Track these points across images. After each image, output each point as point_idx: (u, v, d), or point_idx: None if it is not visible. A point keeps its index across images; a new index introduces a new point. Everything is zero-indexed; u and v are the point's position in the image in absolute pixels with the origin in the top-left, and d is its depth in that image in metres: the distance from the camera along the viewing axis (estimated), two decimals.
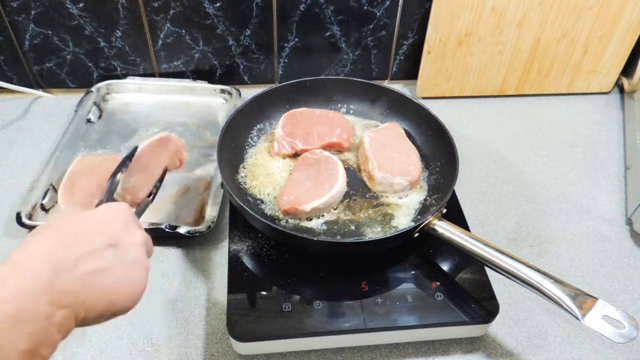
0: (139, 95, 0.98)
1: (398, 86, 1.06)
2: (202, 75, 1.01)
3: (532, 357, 0.65)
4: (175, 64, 0.99)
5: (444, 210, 0.68)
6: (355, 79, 0.86)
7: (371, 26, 0.97)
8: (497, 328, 0.67)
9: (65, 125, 0.90)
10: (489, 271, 0.67)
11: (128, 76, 0.99)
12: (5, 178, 0.84)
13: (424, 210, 0.73)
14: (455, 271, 0.68)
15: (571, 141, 0.96)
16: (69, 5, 0.89)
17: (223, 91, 0.98)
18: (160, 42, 0.96)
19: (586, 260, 0.76)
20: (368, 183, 0.76)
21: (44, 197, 0.77)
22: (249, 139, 0.82)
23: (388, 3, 0.94)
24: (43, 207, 0.76)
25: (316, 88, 0.86)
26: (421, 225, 0.65)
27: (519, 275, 0.59)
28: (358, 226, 0.71)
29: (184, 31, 0.94)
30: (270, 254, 0.69)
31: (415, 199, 0.75)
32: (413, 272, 0.67)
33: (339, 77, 0.96)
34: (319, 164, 0.75)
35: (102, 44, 0.95)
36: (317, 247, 0.65)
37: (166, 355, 0.63)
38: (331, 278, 0.66)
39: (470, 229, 0.74)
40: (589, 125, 1.00)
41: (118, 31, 0.93)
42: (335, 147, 0.81)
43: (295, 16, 0.94)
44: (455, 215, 0.74)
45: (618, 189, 0.87)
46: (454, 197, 0.77)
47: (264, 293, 0.64)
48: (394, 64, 1.04)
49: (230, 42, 0.97)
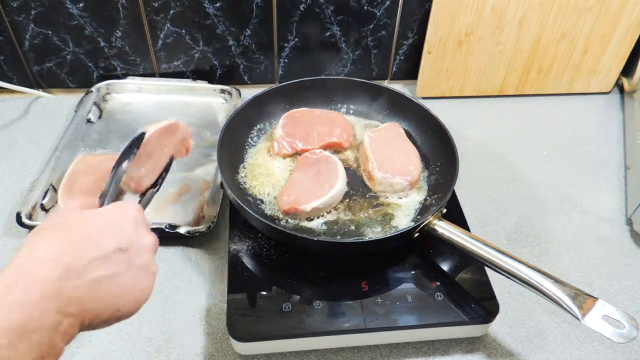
0: (139, 95, 0.98)
1: (398, 86, 1.06)
2: (202, 75, 1.01)
3: (532, 357, 0.65)
4: (175, 64, 0.99)
5: (444, 210, 0.68)
6: (355, 79, 0.86)
7: (371, 26, 0.97)
8: (497, 328, 0.67)
9: (65, 125, 0.90)
10: (489, 271, 0.67)
11: (128, 76, 0.99)
12: (5, 178, 0.84)
13: (424, 210, 0.73)
14: (455, 271, 0.68)
15: (571, 141, 0.96)
16: (69, 5, 0.89)
17: (223, 91, 0.98)
18: (160, 42, 0.96)
19: (586, 260, 0.76)
20: (368, 183, 0.76)
21: (44, 197, 0.77)
22: (249, 139, 0.82)
23: (388, 3, 0.94)
24: (43, 207, 0.76)
25: (316, 88, 0.86)
26: (421, 225, 0.65)
27: (519, 275, 0.59)
28: (358, 226, 0.71)
29: (184, 31, 0.94)
30: (270, 254, 0.69)
31: (415, 199, 0.75)
32: (413, 272, 0.67)
33: (339, 77, 0.96)
34: (319, 164, 0.75)
35: (102, 44, 0.95)
36: (317, 247, 0.65)
37: (166, 355, 0.63)
38: (331, 278, 0.66)
39: (470, 229, 0.74)
40: (589, 125, 1.00)
41: (118, 31, 0.93)
42: (335, 147, 0.81)
43: (295, 16, 0.94)
44: (455, 215, 0.74)
45: (618, 189, 0.87)
46: (454, 197, 0.77)
47: (264, 293, 0.64)
48: (394, 64, 1.04)
49: (230, 42, 0.97)
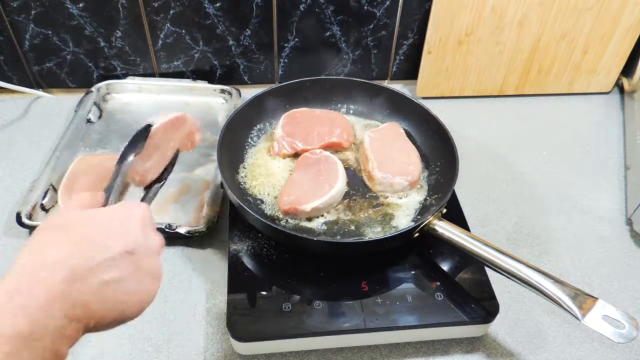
0: (139, 95, 0.98)
1: (398, 86, 1.06)
2: (202, 75, 1.01)
3: (532, 357, 0.65)
4: (175, 64, 0.99)
5: (444, 210, 0.68)
6: (355, 79, 0.86)
7: (371, 26, 0.97)
8: (497, 328, 0.67)
9: (65, 125, 0.90)
10: (489, 271, 0.67)
11: (128, 76, 0.99)
12: (5, 178, 0.84)
13: (424, 210, 0.73)
14: (455, 271, 0.68)
15: (571, 141, 0.96)
16: (69, 5, 0.89)
17: (223, 91, 0.98)
18: (160, 42, 0.95)
19: (586, 260, 0.76)
20: (368, 183, 0.76)
21: (44, 197, 0.77)
22: (249, 139, 0.82)
23: (388, 3, 0.94)
24: (43, 207, 0.76)
25: (316, 88, 0.86)
26: (421, 225, 0.65)
27: (519, 275, 0.59)
28: (358, 226, 0.71)
29: (184, 31, 0.94)
30: (270, 254, 0.69)
31: (415, 199, 0.75)
32: (413, 272, 0.67)
33: (339, 77, 0.96)
34: (319, 164, 0.75)
35: (102, 44, 0.95)
36: (317, 247, 0.65)
37: (166, 355, 0.63)
38: (331, 278, 0.66)
39: (470, 229, 0.74)
40: (589, 125, 1.00)
41: (118, 31, 0.93)
42: (335, 147, 0.81)
43: (295, 16, 0.94)
44: (455, 215, 0.74)
45: (618, 189, 0.87)
46: (454, 197, 0.77)
47: (264, 293, 0.64)
48: (394, 64, 1.04)
49: (230, 42, 0.97)
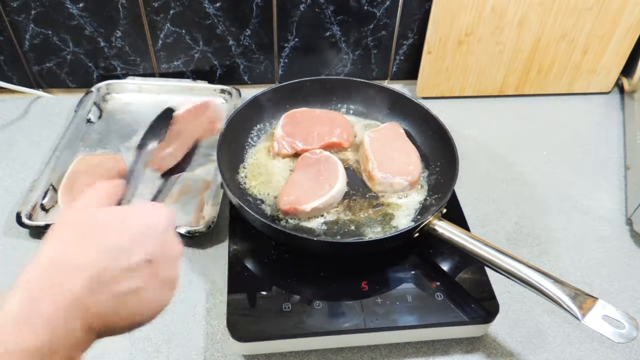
0: (139, 95, 0.98)
1: (398, 86, 1.06)
2: (202, 75, 1.01)
3: (532, 357, 0.65)
4: (175, 64, 0.99)
5: (444, 210, 0.68)
6: (355, 79, 0.86)
7: (371, 26, 0.97)
8: (497, 328, 0.67)
9: (65, 125, 0.90)
10: (489, 271, 0.67)
11: (128, 76, 0.99)
12: (5, 178, 0.84)
13: (424, 210, 0.73)
14: (455, 271, 0.68)
15: (571, 141, 0.96)
16: (69, 5, 0.89)
17: (223, 91, 0.98)
18: (160, 42, 0.95)
19: (586, 260, 0.76)
20: (368, 183, 0.76)
21: (44, 197, 0.77)
22: (249, 139, 0.82)
23: (388, 3, 0.94)
24: (43, 207, 0.76)
25: (316, 88, 0.86)
26: (421, 225, 0.65)
27: (519, 275, 0.59)
28: (358, 226, 0.71)
29: (184, 31, 0.94)
30: (270, 254, 0.69)
31: (415, 199, 0.75)
32: (413, 272, 0.67)
33: (339, 77, 0.96)
34: (319, 164, 0.75)
35: (102, 44, 0.95)
36: (317, 247, 0.65)
37: (166, 355, 0.63)
38: (331, 278, 0.66)
39: (470, 229, 0.74)
40: (589, 125, 1.00)
41: (118, 31, 0.93)
42: (335, 147, 0.81)
43: (295, 16, 0.94)
44: (455, 215, 0.74)
45: (618, 189, 0.87)
46: (454, 197, 0.77)
47: (264, 293, 0.64)
48: (394, 64, 1.04)
49: (230, 42, 0.97)
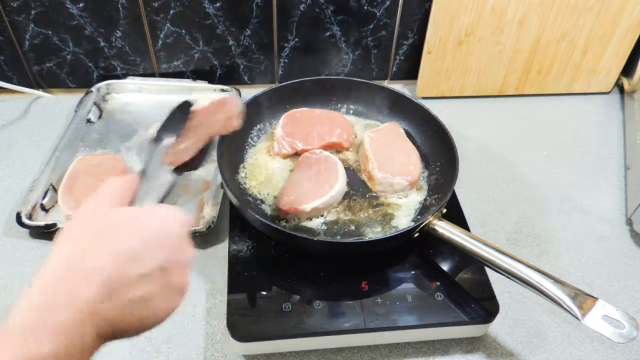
0: (139, 95, 0.98)
1: (398, 86, 1.06)
2: (202, 75, 1.00)
3: (532, 357, 0.65)
4: (175, 64, 0.99)
5: (444, 210, 0.68)
6: (355, 79, 0.86)
7: (371, 26, 0.97)
8: (497, 328, 0.67)
9: (65, 125, 0.90)
10: (489, 271, 0.67)
11: (128, 76, 0.99)
12: (5, 178, 0.84)
13: (424, 210, 0.73)
14: (455, 271, 0.68)
15: (571, 141, 0.96)
16: (69, 5, 0.89)
17: (223, 91, 0.98)
18: (160, 42, 0.95)
19: (586, 260, 0.76)
20: (368, 183, 0.76)
21: (44, 197, 0.77)
22: (249, 139, 0.82)
23: (388, 3, 0.94)
24: (43, 207, 0.76)
25: (316, 88, 0.86)
26: (421, 225, 0.65)
27: (519, 275, 0.59)
28: (358, 226, 0.71)
29: (184, 31, 0.94)
30: (270, 254, 0.69)
31: (415, 199, 0.75)
32: (413, 272, 0.67)
33: (339, 77, 0.96)
34: (319, 164, 0.75)
35: (102, 44, 0.95)
36: (317, 247, 0.65)
37: (166, 355, 0.63)
38: (331, 278, 0.66)
39: (470, 229, 0.74)
40: (589, 125, 1.00)
41: (118, 31, 0.93)
42: (335, 147, 0.81)
43: (295, 16, 0.94)
44: (455, 215, 0.74)
45: (618, 189, 0.87)
46: (454, 197, 0.77)
47: (264, 293, 0.64)
48: (394, 64, 1.04)
49: (230, 42, 0.97)
